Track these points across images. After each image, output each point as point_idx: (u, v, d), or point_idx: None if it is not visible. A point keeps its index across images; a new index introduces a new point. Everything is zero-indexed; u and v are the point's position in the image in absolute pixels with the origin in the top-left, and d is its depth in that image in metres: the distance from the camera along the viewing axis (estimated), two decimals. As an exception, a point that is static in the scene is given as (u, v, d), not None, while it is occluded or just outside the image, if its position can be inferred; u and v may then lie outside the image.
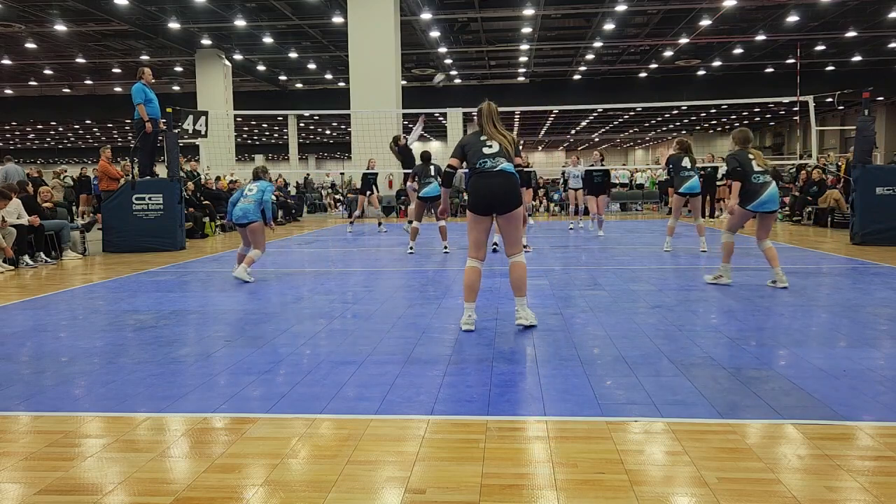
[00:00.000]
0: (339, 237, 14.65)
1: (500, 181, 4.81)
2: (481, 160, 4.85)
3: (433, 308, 5.86)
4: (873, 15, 22.13)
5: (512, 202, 4.81)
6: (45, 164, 49.33)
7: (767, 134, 54.53)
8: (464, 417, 3.18)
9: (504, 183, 4.81)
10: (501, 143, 4.90)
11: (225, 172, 21.27)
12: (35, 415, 3.33)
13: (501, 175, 4.82)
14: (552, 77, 33.15)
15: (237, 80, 28.99)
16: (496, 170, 4.82)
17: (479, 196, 4.87)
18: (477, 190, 4.87)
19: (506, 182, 4.81)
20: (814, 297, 6.26)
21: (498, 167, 4.82)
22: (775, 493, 2.39)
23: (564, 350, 4.36)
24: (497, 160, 4.83)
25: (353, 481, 2.53)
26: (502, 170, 4.82)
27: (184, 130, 12.52)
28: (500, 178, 4.81)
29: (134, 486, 2.53)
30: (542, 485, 2.48)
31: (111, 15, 20.64)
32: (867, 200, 10.55)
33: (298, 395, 3.55)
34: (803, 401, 3.33)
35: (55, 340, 4.91)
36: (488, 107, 5.05)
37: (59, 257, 10.33)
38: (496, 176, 4.81)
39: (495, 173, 4.82)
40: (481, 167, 4.84)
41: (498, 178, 4.81)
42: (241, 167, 39.48)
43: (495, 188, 4.80)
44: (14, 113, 38.08)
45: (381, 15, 18.58)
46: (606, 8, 20.96)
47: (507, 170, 4.84)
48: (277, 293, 6.84)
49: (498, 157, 4.84)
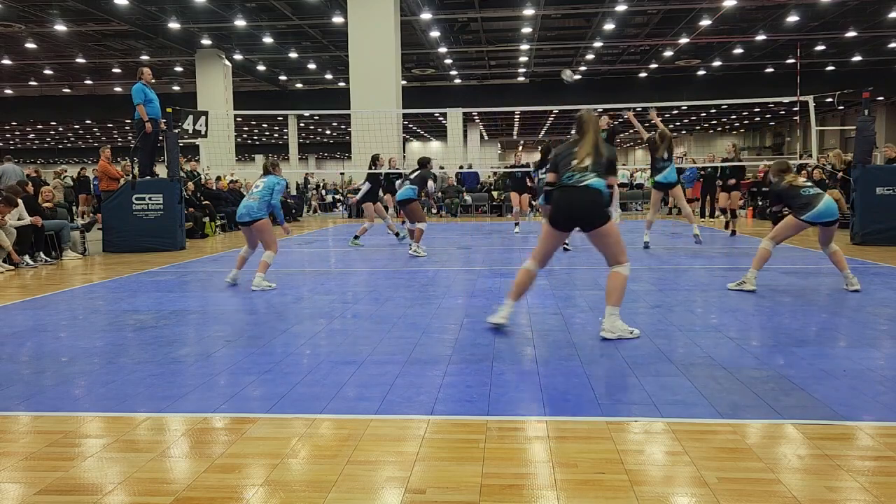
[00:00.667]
0: (339, 237, 14.65)
1: (584, 197, 4.54)
2: (568, 173, 4.60)
3: (433, 308, 5.86)
4: (873, 15, 22.13)
5: (595, 219, 4.54)
6: (46, 164, 49.33)
7: (767, 134, 54.54)
8: (464, 417, 3.18)
9: (587, 199, 4.54)
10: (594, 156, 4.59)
11: (225, 172, 21.26)
12: (35, 415, 3.33)
13: (586, 191, 4.54)
14: (552, 77, 33.12)
15: (237, 80, 28.99)
16: (581, 185, 4.54)
17: (559, 211, 4.63)
18: (558, 204, 4.65)
19: (589, 198, 4.54)
20: (814, 297, 6.26)
21: (584, 182, 4.55)
22: (775, 493, 2.39)
23: (564, 350, 4.36)
24: (585, 175, 4.55)
25: (353, 481, 2.53)
26: (588, 185, 4.54)
27: (184, 130, 12.52)
28: (584, 194, 4.54)
29: (134, 486, 2.53)
30: (542, 485, 2.48)
31: (111, 15, 20.64)
32: (867, 200, 10.56)
33: (298, 395, 3.55)
34: (803, 401, 3.33)
35: (55, 340, 4.91)
36: (589, 117, 4.74)
37: (59, 257, 10.33)
38: (580, 191, 4.54)
39: (580, 189, 4.54)
40: (567, 181, 4.60)
41: (582, 194, 4.54)
42: (241, 167, 39.53)
43: (577, 204, 4.56)
44: (14, 113, 38.07)
45: (381, 15, 18.58)
46: (606, 8, 20.96)
47: (595, 186, 4.55)
48: (277, 293, 6.84)
49: (587, 171, 4.56)
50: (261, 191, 7.07)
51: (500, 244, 11.73)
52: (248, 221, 7.03)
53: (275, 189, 7.07)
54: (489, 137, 59.51)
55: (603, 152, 4.64)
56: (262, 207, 7.00)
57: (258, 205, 7.00)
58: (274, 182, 7.12)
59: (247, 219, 7.02)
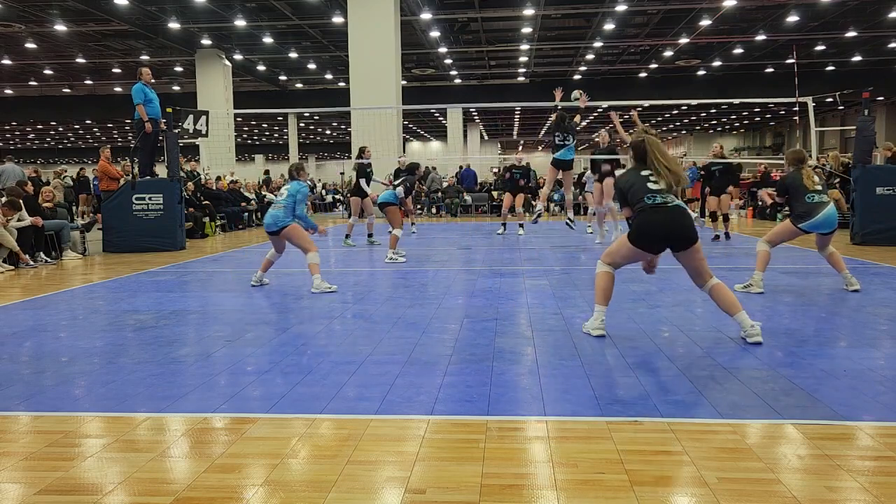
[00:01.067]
0: (339, 237, 14.65)
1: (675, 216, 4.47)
2: (649, 195, 4.49)
3: (433, 308, 5.86)
4: (873, 15, 22.12)
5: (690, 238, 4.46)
6: (46, 165, 49.31)
7: (767, 134, 54.53)
8: (464, 417, 3.18)
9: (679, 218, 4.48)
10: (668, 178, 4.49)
11: (225, 172, 21.26)
12: (35, 415, 3.33)
13: (676, 210, 4.48)
14: (552, 77, 33.13)
15: (237, 80, 28.99)
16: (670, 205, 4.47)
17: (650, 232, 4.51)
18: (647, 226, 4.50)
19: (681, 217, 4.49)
20: (814, 297, 6.26)
21: (671, 203, 4.48)
22: (775, 493, 2.39)
23: (564, 350, 4.36)
24: (667, 196, 4.49)
25: (353, 481, 2.53)
26: (677, 205, 4.50)
27: (184, 130, 12.52)
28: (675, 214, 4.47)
29: (134, 486, 2.52)
30: (542, 485, 2.48)
31: (111, 15, 20.64)
32: (867, 200, 10.56)
33: (298, 395, 3.55)
34: (803, 401, 3.33)
35: (55, 340, 4.91)
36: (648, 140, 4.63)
37: (59, 257, 10.33)
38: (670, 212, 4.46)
39: (669, 209, 4.46)
40: (651, 202, 4.47)
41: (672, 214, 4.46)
42: (241, 167, 39.52)
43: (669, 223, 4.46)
44: (14, 113, 38.07)
45: (381, 15, 18.58)
46: (606, 8, 20.96)
47: (682, 206, 4.55)
48: (277, 293, 6.84)
49: (667, 192, 4.50)
50: (285, 199, 6.97)
51: (500, 244, 11.73)
52: (276, 231, 6.94)
53: (297, 197, 6.94)
54: (489, 137, 59.52)
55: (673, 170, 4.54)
56: (289, 215, 6.92)
57: (284, 213, 6.91)
58: (296, 189, 6.98)
59: (274, 228, 6.93)
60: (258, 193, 19.42)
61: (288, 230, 6.88)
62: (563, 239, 12.50)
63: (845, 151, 29.41)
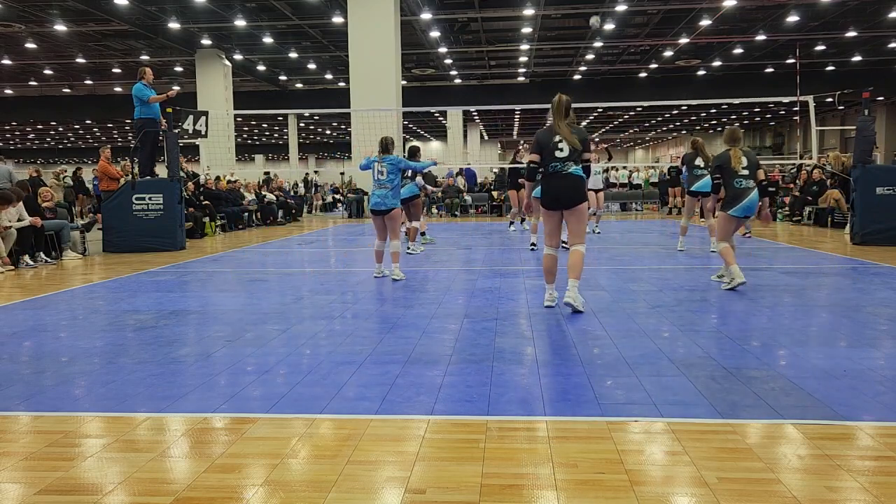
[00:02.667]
0: (339, 237, 14.66)
1: (567, 183, 5.48)
2: (553, 163, 5.50)
3: (433, 308, 5.86)
4: (873, 15, 22.12)
5: (576, 199, 5.48)
6: (46, 165, 49.28)
7: (767, 134, 54.52)
8: (464, 417, 3.18)
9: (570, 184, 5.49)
10: (573, 144, 5.47)
11: (225, 172, 21.27)
12: (35, 415, 3.33)
13: (568, 177, 5.49)
14: (552, 77, 33.13)
15: (237, 80, 28.97)
16: (564, 172, 5.49)
17: (549, 194, 5.57)
18: (547, 189, 5.59)
19: (572, 183, 5.49)
20: (814, 297, 6.27)
21: (567, 170, 5.49)
22: (775, 493, 2.39)
23: (564, 350, 4.36)
24: (566, 164, 5.49)
25: (353, 481, 2.53)
26: (570, 173, 5.48)
27: (184, 130, 12.52)
28: (567, 181, 5.49)
29: (134, 486, 2.53)
30: (542, 485, 2.48)
31: (111, 15, 20.63)
32: (867, 200, 10.55)
33: (298, 395, 3.55)
34: (803, 401, 3.33)
35: (55, 340, 4.91)
36: (559, 101, 5.63)
37: (59, 257, 10.33)
38: (564, 178, 5.49)
39: (563, 175, 5.49)
40: (553, 169, 5.52)
41: (565, 180, 5.49)
42: (241, 167, 39.52)
43: (562, 189, 5.50)
44: (14, 113, 38.05)
45: (381, 15, 18.58)
46: (606, 8, 20.96)
47: (575, 173, 5.49)
48: (277, 293, 6.84)
49: (567, 161, 5.48)
50: (387, 178, 7.05)
51: (500, 244, 11.73)
52: (384, 210, 7.03)
53: (399, 165, 7.17)
54: (489, 137, 59.49)
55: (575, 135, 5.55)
56: (396, 195, 7.08)
57: (392, 193, 7.04)
58: (397, 160, 7.19)
59: (382, 207, 7.02)
60: (258, 193, 19.42)
61: (396, 212, 7.09)
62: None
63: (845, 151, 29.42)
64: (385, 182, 7.03)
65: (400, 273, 7.26)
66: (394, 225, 7.14)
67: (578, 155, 5.49)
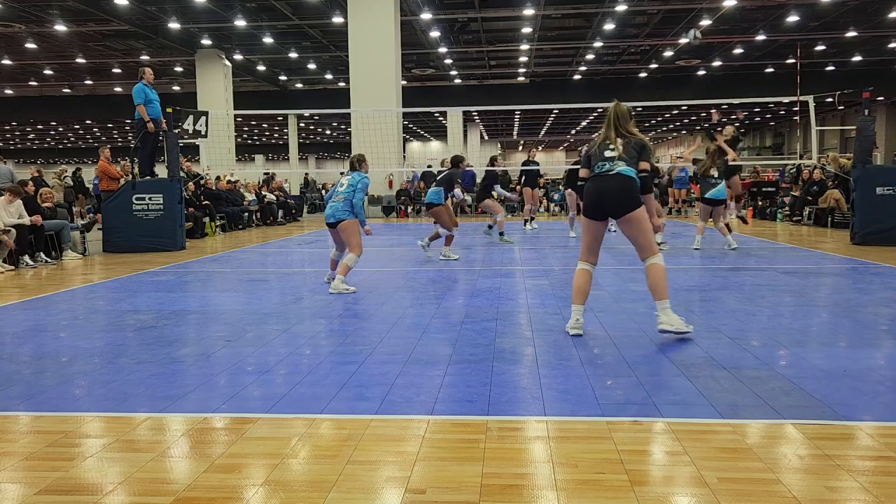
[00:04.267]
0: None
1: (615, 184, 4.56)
2: (600, 162, 4.66)
3: (433, 308, 5.86)
4: (873, 15, 22.12)
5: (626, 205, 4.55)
6: (46, 165, 49.29)
7: (767, 134, 54.53)
8: (464, 417, 3.18)
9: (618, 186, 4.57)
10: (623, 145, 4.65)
11: (225, 172, 21.27)
12: (35, 415, 3.33)
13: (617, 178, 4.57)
14: (552, 77, 33.14)
15: (237, 80, 28.98)
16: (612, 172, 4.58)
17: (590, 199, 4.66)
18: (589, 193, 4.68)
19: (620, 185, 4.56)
20: (814, 297, 6.26)
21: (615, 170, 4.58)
22: (775, 493, 2.39)
23: (564, 350, 4.36)
24: (616, 163, 4.60)
25: (353, 481, 2.53)
26: (619, 172, 4.58)
27: (184, 130, 12.52)
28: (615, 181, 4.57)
29: (134, 486, 2.52)
30: (542, 485, 2.48)
31: (111, 15, 20.64)
32: (867, 200, 10.55)
33: (298, 395, 3.55)
34: (803, 401, 3.33)
35: (55, 340, 4.91)
36: (613, 112, 4.75)
37: (59, 257, 10.33)
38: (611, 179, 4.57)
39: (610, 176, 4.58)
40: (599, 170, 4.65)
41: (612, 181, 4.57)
42: (241, 167, 39.51)
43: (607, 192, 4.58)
44: (14, 113, 38.05)
45: (381, 15, 18.59)
46: (606, 8, 20.96)
47: (626, 173, 4.58)
48: (277, 293, 6.84)
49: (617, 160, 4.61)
50: (345, 190, 6.87)
51: (501, 243, 11.72)
52: (333, 223, 6.88)
53: (358, 186, 6.88)
54: (489, 137, 59.50)
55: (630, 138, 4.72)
56: (348, 207, 6.84)
57: (343, 205, 6.83)
58: (357, 179, 6.92)
59: (332, 220, 6.87)
60: (258, 194, 19.42)
61: (345, 224, 6.81)
62: (563, 239, 12.51)
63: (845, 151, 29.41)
64: (340, 193, 6.86)
65: (341, 286, 6.72)
66: (347, 237, 6.82)
67: (634, 161, 4.66)
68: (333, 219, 6.83)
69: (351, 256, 6.80)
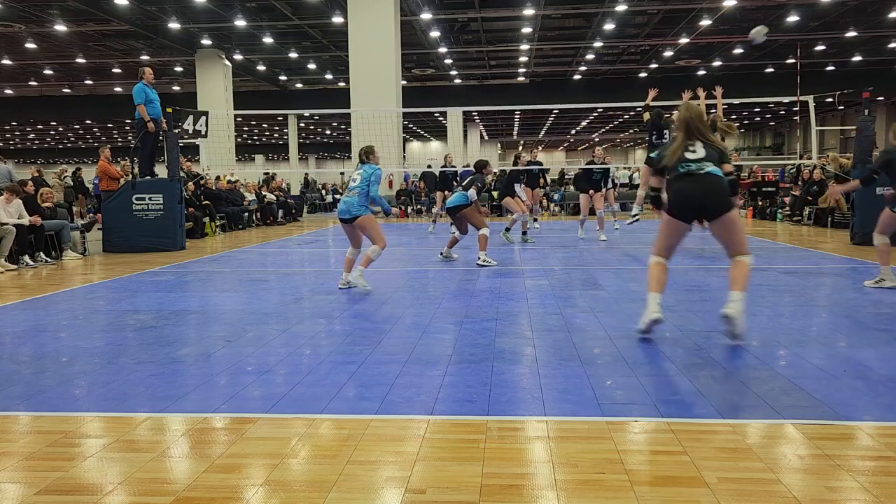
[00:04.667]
0: (339, 237, 14.64)
1: (706, 184, 4.46)
2: (683, 163, 4.53)
3: (433, 308, 5.86)
4: (873, 15, 22.11)
5: (719, 207, 4.44)
6: (46, 165, 49.29)
7: (767, 134, 54.56)
8: (464, 417, 3.18)
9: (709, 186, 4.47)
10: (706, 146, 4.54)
11: (225, 172, 21.26)
12: (35, 415, 3.33)
13: (708, 178, 4.46)
14: (552, 77, 33.12)
15: (237, 80, 28.97)
16: (702, 172, 4.47)
17: (679, 197, 4.54)
18: (678, 191, 4.56)
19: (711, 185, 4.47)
20: (814, 297, 6.27)
21: (705, 169, 4.47)
22: (775, 493, 2.39)
23: (564, 350, 4.36)
24: (703, 164, 4.48)
25: (353, 481, 2.53)
26: (709, 172, 4.47)
27: (184, 130, 12.52)
28: (707, 182, 4.46)
29: (134, 486, 2.53)
30: (542, 485, 2.48)
31: (111, 15, 20.63)
32: (867, 200, 10.55)
33: (298, 395, 3.55)
34: (803, 401, 3.33)
35: (55, 340, 4.91)
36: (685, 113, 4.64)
37: (59, 257, 10.33)
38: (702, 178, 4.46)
39: (701, 175, 4.47)
40: (685, 169, 4.52)
41: (703, 182, 4.46)
42: (241, 167, 39.50)
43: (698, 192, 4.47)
44: (14, 113, 38.05)
45: (381, 15, 18.58)
46: (606, 8, 20.96)
47: (715, 173, 4.47)
48: (277, 293, 6.84)
49: (703, 161, 4.49)
50: (358, 184, 6.63)
51: (500, 244, 11.72)
52: (348, 219, 6.64)
53: (371, 179, 6.64)
54: (489, 137, 59.49)
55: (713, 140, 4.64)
56: (363, 202, 6.62)
57: (358, 199, 6.60)
58: (370, 172, 6.68)
59: (347, 216, 6.63)
60: (258, 194, 19.42)
61: (362, 220, 6.59)
62: (563, 239, 12.50)
63: (845, 151, 29.41)
64: (354, 188, 6.66)
65: (360, 279, 6.64)
66: (367, 232, 6.65)
67: (717, 161, 4.52)
68: (348, 214, 6.62)
69: (375, 248, 6.65)
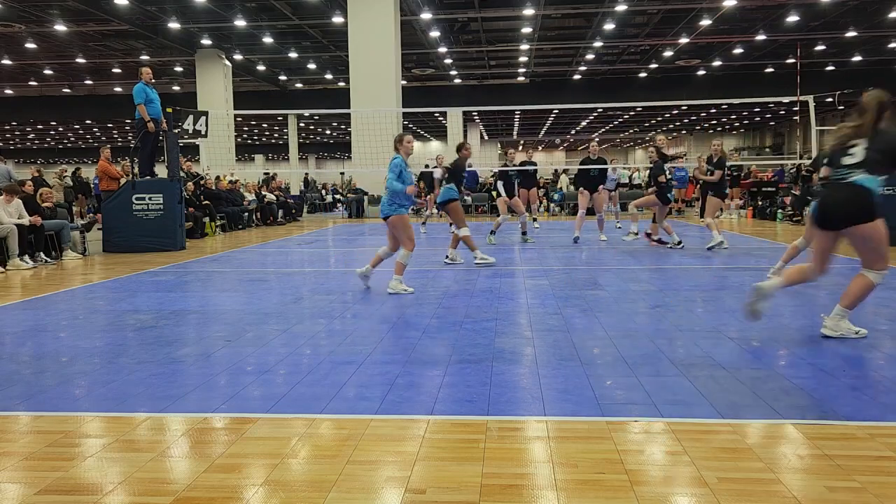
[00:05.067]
0: (339, 237, 14.66)
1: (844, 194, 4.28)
2: (838, 170, 4.33)
3: (433, 308, 5.86)
4: (873, 15, 22.12)
5: (851, 216, 4.25)
6: (46, 165, 49.30)
7: (767, 134, 54.55)
8: (464, 417, 3.18)
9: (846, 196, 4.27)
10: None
11: (225, 172, 21.27)
12: (35, 415, 3.33)
13: (848, 188, 4.26)
14: (552, 77, 33.13)
15: (237, 80, 28.98)
16: (845, 181, 4.27)
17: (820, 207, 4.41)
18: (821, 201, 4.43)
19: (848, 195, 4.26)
20: (814, 297, 6.26)
21: (849, 178, 4.26)
22: (775, 493, 2.39)
23: (564, 350, 4.36)
24: (853, 171, 4.25)
25: (353, 481, 2.53)
26: (853, 182, 4.24)
27: (184, 130, 12.52)
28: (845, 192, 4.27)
29: (134, 486, 2.53)
30: (542, 485, 2.48)
31: (111, 15, 20.64)
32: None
33: (298, 395, 3.55)
34: (803, 401, 3.33)
35: (55, 340, 4.91)
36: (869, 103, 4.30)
37: (59, 257, 10.33)
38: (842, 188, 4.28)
39: (842, 185, 4.29)
40: (834, 176, 4.34)
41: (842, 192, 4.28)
42: (241, 167, 39.51)
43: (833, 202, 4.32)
44: (14, 113, 38.06)
45: (381, 15, 18.59)
46: (606, 8, 20.96)
47: (861, 183, 4.22)
48: (277, 293, 6.84)
49: (856, 168, 4.24)
50: (388, 181, 6.48)
51: (501, 244, 11.72)
52: (383, 217, 6.59)
53: (393, 172, 6.42)
54: (489, 137, 59.49)
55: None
56: (392, 199, 6.46)
57: (387, 198, 6.47)
58: (392, 164, 6.47)
59: (382, 214, 6.60)
60: (258, 194, 19.42)
61: (393, 220, 6.49)
62: (563, 239, 12.50)
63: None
64: (386, 186, 6.54)
65: (398, 286, 6.56)
66: (395, 231, 6.52)
67: (881, 165, 4.23)
68: (382, 213, 6.61)
69: (404, 254, 6.56)
